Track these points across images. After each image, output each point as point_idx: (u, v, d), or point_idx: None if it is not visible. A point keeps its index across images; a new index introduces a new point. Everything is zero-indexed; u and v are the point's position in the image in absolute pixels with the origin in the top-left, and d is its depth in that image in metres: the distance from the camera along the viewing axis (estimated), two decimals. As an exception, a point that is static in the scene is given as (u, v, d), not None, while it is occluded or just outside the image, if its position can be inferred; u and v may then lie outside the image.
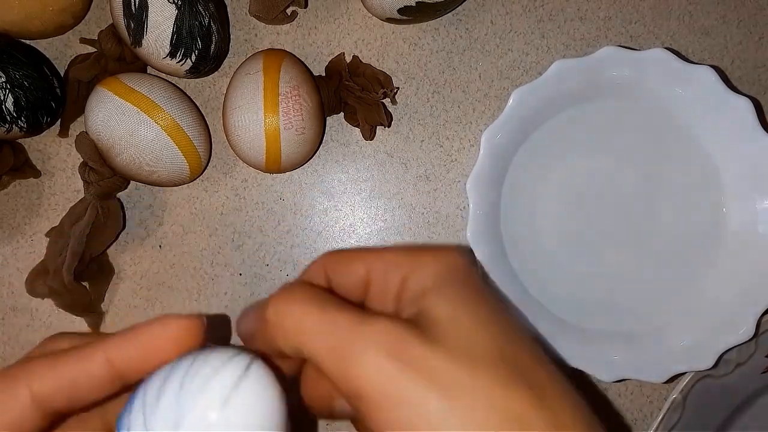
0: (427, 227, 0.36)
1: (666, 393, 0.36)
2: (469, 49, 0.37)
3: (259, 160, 0.33)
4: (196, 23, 0.31)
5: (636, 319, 0.35)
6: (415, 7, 0.33)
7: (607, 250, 0.35)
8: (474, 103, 0.37)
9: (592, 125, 0.34)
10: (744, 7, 0.37)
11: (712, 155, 0.34)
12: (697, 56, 0.37)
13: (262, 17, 0.35)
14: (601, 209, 0.35)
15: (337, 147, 0.37)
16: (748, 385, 0.35)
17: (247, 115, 0.32)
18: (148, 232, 0.36)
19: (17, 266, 0.36)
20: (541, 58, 0.37)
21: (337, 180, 0.37)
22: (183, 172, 0.33)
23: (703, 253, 0.34)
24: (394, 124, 0.36)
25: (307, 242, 0.36)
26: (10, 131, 0.32)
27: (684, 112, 0.34)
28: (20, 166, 0.35)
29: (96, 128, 0.32)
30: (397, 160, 0.36)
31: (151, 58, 0.32)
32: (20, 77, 0.31)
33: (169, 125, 0.32)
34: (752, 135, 0.32)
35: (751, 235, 0.33)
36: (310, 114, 0.32)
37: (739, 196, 0.34)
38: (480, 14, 0.37)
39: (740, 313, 0.33)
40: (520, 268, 0.34)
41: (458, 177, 0.36)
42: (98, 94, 0.32)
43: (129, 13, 0.31)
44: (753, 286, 0.33)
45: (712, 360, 0.32)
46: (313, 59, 0.36)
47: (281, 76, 0.32)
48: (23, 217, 0.36)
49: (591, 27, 0.37)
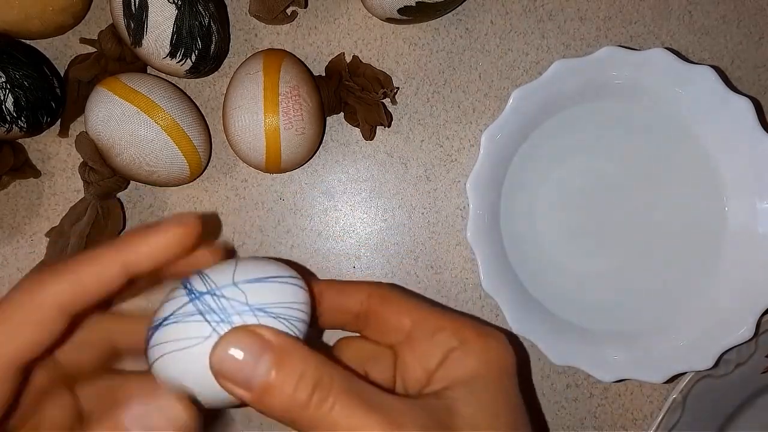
0: (427, 227, 0.36)
1: (666, 393, 0.36)
2: (469, 49, 0.37)
3: (259, 160, 0.33)
4: (196, 23, 0.31)
5: (636, 319, 0.35)
6: (415, 7, 0.33)
7: (607, 250, 0.35)
8: (474, 103, 0.37)
9: (591, 125, 0.34)
10: (744, 7, 0.37)
11: (712, 155, 0.34)
12: (697, 56, 0.37)
13: (262, 17, 0.35)
14: (601, 209, 0.35)
15: (337, 147, 0.37)
16: (748, 385, 0.35)
17: (247, 115, 0.32)
18: (148, 232, 0.36)
19: (17, 266, 0.36)
20: (541, 58, 0.37)
21: (337, 180, 0.37)
22: (183, 172, 0.33)
23: (703, 253, 0.34)
24: (394, 124, 0.36)
25: (307, 242, 0.36)
26: (10, 131, 0.32)
27: (684, 112, 0.34)
28: (20, 166, 0.35)
29: (96, 128, 0.32)
30: (397, 160, 0.36)
31: (151, 58, 0.32)
32: (20, 77, 0.31)
33: (169, 125, 0.32)
34: (752, 135, 0.32)
35: (751, 235, 0.33)
36: (310, 114, 0.32)
37: (739, 196, 0.34)
38: (480, 14, 0.37)
39: (740, 313, 0.33)
40: (520, 268, 0.34)
41: (458, 177, 0.36)
42: (98, 94, 0.32)
43: (129, 13, 0.31)
44: (753, 286, 0.33)
45: (712, 360, 0.32)
46: (313, 59, 0.36)
47: (281, 76, 0.32)
48: (23, 217, 0.36)
49: (591, 27, 0.37)
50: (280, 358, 0.20)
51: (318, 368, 0.20)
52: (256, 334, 0.20)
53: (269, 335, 0.20)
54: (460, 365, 0.22)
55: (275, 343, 0.20)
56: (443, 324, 0.24)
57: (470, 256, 0.36)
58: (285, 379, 0.20)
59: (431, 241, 0.36)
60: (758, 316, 0.32)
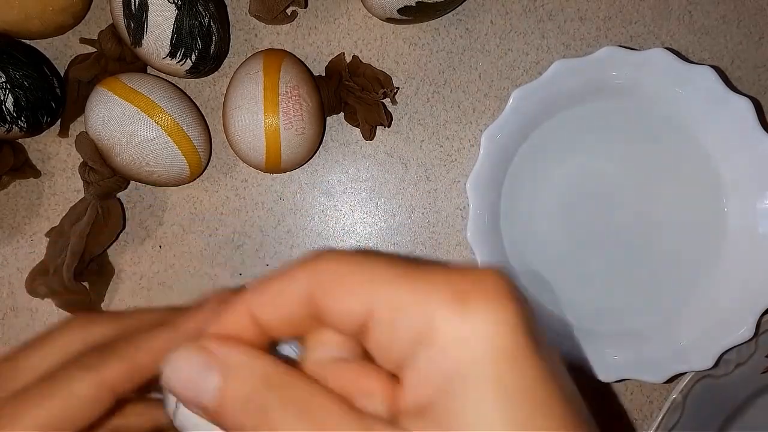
0: (427, 227, 0.36)
1: (666, 393, 0.36)
2: (469, 49, 0.37)
3: (259, 160, 0.33)
4: (196, 23, 0.31)
5: (636, 320, 0.35)
6: (415, 7, 0.33)
7: (606, 250, 0.35)
8: (474, 103, 0.37)
9: (592, 125, 0.34)
10: (744, 7, 0.37)
11: (712, 155, 0.34)
12: (697, 56, 0.37)
13: (262, 17, 0.35)
14: (600, 209, 0.35)
15: (337, 147, 0.37)
16: (748, 385, 0.35)
17: (247, 115, 0.32)
18: (148, 232, 0.36)
19: (17, 266, 0.36)
20: (541, 58, 0.37)
21: (337, 180, 0.37)
22: (183, 172, 0.33)
23: (703, 253, 0.34)
24: (394, 124, 0.36)
25: (307, 242, 0.36)
26: (10, 131, 0.32)
27: (684, 112, 0.34)
28: (20, 166, 0.35)
29: (96, 128, 0.32)
30: (397, 160, 0.36)
31: (151, 58, 0.32)
32: (20, 77, 0.31)
33: (169, 125, 0.32)
34: (752, 135, 0.32)
35: (751, 235, 0.33)
36: (310, 114, 0.32)
37: (739, 196, 0.34)
38: (480, 14, 0.37)
39: (740, 313, 0.33)
40: (520, 268, 0.34)
41: (458, 177, 0.36)
42: (98, 94, 0.32)
43: (129, 13, 0.31)
44: (753, 286, 0.33)
45: (712, 360, 0.32)
46: (313, 59, 0.36)
47: (281, 76, 0.32)
48: (23, 217, 0.36)
49: (591, 27, 0.37)
50: (227, 376, 0.17)
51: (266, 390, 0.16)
52: (203, 349, 0.17)
53: (218, 349, 0.17)
54: (433, 366, 0.15)
55: (223, 358, 0.17)
56: (403, 299, 0.16)
57: (470, 256, 0.36)
58: (233, 400, 0.16)
59: (431, 242, 0.36)
60: (758, 316, 0.32)
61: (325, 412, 0.16)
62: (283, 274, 0.17)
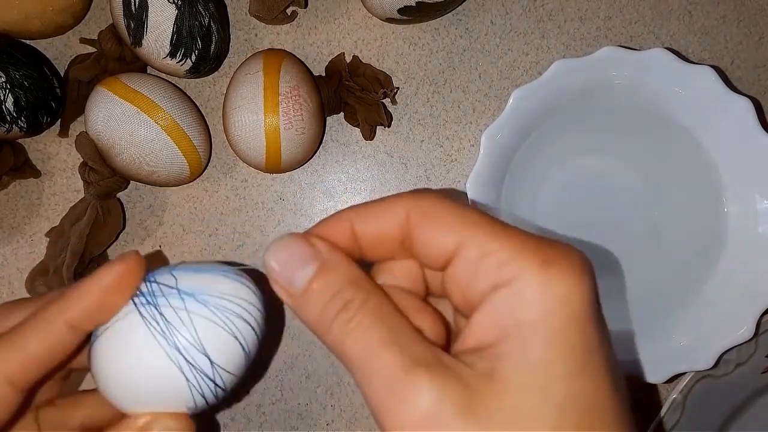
0: (427, 227, 0.36)
1: (666, 393, 0.36)
2: (469, 49, 0.37)
3: (259, 160, 0.33)
4: (196, 23, 0.31)
5: (636, 320, 0.35)
6: (415, 7, 0.33)
7: (606, 250, 0.35)
8: (474, 103, 0.37)
9: (592, 125, 0.34)
10: (744, 7, 0.37)
11: (712, 155, 0.34)
12: (697, 56, 0.37)
13: (262, 17, 0.35)
14: (600, 209, 0.35)
15: (337, 147, 0.37)
16: (748, 385, 0.35)
17: (247, 115, 0.32)
18: (148, 232, 0.36)
19: (17, 266, 0.36)
20: (541, 58, 0.37)
21: (337, 180, 0.37)
22: (183, 172, 0.33)
23: (703, 253, 0.34)
24: (394, 124, 0.36)
25: (307, 242, 0.36)
26: (10, 131, 0.32)
27: (684, 112, 0.34)
28: (20, 166, 0.35)
29: (96, 128, 0.32)
30: (397, 160, 0.36)
31: (151, 58, 0.32)
32: (20, 77, 0.31)
33: (169, 125, 0.32)
34: (752, 135, 0.32)
35: (751, 235, 0.33)
36: (310, 114, 0.32)
37: (739, 196, 0.34)
38: (480, 14, 0.37)
39: (740, 313, 0.33)
40: (520, 268, 0.34)
41: (458, 177, 0.36)
42: (98, 94, 0.32)
43: (129, 13, 0.31)
44: (753, 286, 0.33)
45: (712, 360, 0.32)
46: (313, 59, 0.36)
47: (281, 76, 0.32)
48: (23, 217, 0.36)
49: (591, 27, 0.37)
50: (322, 270, 0.19)
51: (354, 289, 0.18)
52: (309, 243, 0.19)
53: (321, 246, 0.19)
54: (507, 309, 0.17)
55: (323, 255, 0.19)
56: (493, 246, 0.17)
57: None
58: (321, 292, 0.19)
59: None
60: (758, 316, 0.32)
61: (398, 324, 0.18)
62: (386, 199, 0.20)
